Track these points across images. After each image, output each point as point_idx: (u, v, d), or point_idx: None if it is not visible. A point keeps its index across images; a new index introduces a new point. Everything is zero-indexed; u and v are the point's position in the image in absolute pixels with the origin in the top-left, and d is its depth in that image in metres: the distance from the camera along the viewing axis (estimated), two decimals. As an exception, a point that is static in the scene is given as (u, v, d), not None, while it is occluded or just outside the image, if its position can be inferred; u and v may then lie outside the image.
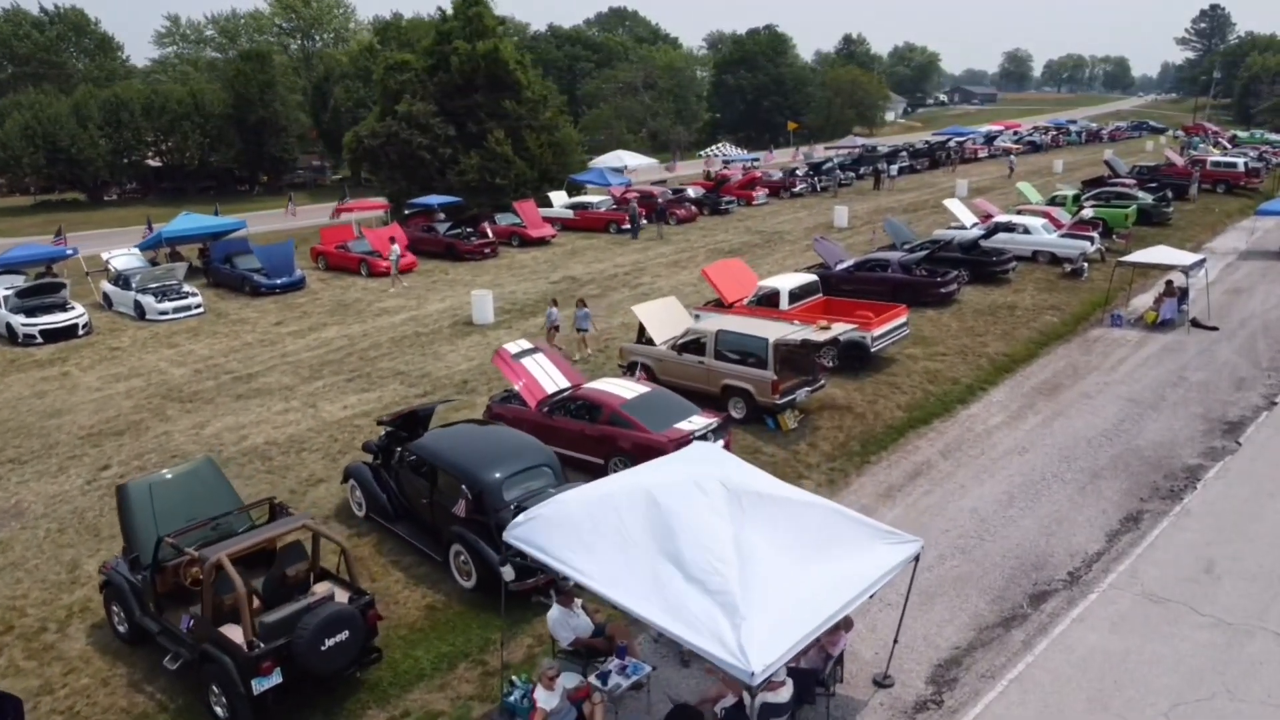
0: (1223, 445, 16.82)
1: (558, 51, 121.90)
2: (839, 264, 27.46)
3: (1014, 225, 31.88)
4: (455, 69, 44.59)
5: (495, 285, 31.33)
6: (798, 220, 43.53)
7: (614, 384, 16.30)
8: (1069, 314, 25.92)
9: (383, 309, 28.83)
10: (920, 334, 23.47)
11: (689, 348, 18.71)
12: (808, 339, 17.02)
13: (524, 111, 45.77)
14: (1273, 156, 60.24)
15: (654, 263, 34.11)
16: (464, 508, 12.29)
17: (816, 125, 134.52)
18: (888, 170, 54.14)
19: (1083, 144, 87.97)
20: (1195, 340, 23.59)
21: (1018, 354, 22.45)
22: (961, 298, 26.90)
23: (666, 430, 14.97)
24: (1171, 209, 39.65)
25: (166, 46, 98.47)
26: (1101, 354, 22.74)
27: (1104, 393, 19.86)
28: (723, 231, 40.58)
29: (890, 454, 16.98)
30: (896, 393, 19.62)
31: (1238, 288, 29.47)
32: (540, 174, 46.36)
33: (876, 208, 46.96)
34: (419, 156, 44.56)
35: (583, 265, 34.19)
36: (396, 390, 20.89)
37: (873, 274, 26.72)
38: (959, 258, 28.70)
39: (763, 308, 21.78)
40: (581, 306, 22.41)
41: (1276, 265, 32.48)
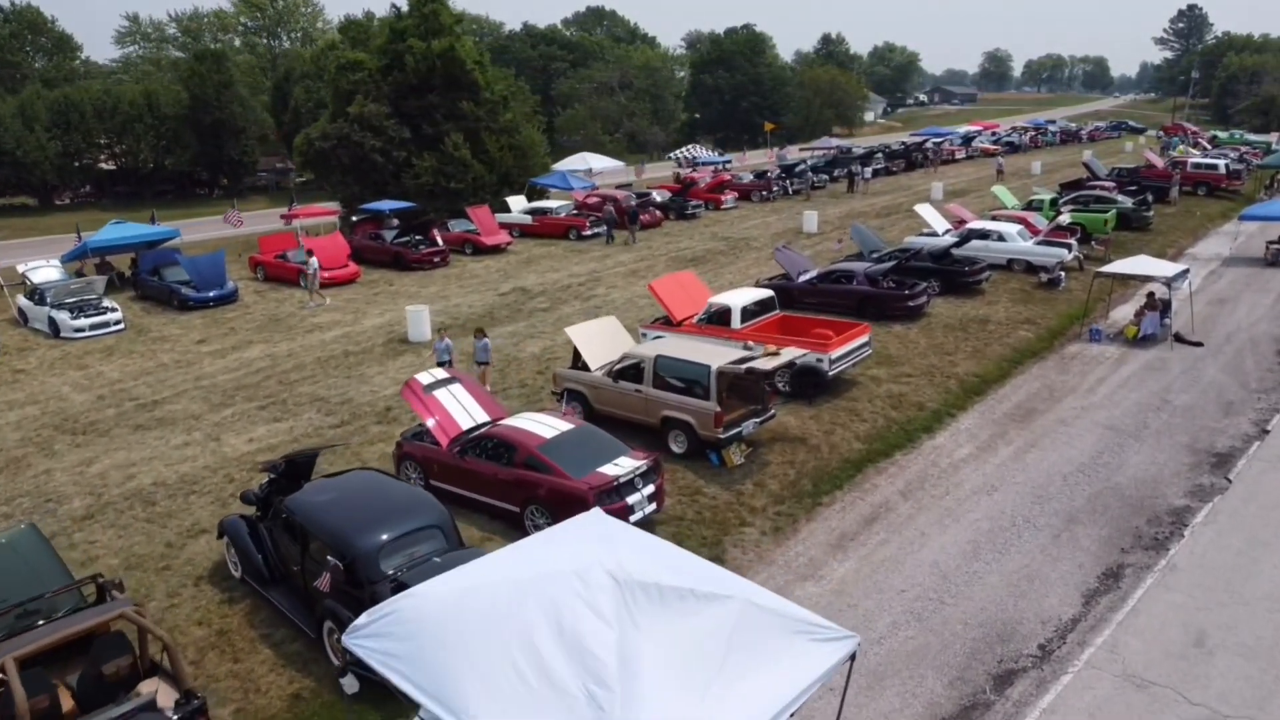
0: (1211, 483, 15.21)
1: (532, 51, 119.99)
2: (802, 275, 25.79)
3: (988, 232, 30.31)
4: (410, 68, 42.59)
5: (440, 297, 29.51)
6: (766, 225, 41.87)
7: (535, 420, 14.51)
8: (1045, 328, 24.33)
9: (315, 324, 26.92)
10: (885, 352, 21.81)
11: (626, 374, 16.95)
12: (753, 367, 15.29)
13: (482, 113, 43.82)
14: (1253, 158, 59.09)
15: (611, 272, 32.34)
16: (328, 581, 10.48)
17: (795, 126, 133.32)
18: (861, 173, 52.59)
19: (1061, 145, 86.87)
20: (1179, 357, 22.05)
21: (989, 374, 20.82)
22: (931, 311, 25.28)
23: (588, 475, 13.21)
24: (1152, 213, 38.25)
25: (127, 45, 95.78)
26: (1079, 373, 21.15)
27: (1081, 419, 18.24)
28: (687, 238, 38.86)
29: (846, 493, 15.28)
30: (856, 421, 17.93)
31: (1222, 297, 28.01)
32: (500, 178, 44.43)
33: (849, 212, 45.39)
34: (371, 160, 42.53)
35: (536, 275, 32.37)
36: (311, 420, 19.02)
37: (837, 286, 25.07)
38: (929, 267, 27.09)
39: (713, 326, 20.05)
40: (480, 337, 19.69)
41: (1261, 273, 31.07)
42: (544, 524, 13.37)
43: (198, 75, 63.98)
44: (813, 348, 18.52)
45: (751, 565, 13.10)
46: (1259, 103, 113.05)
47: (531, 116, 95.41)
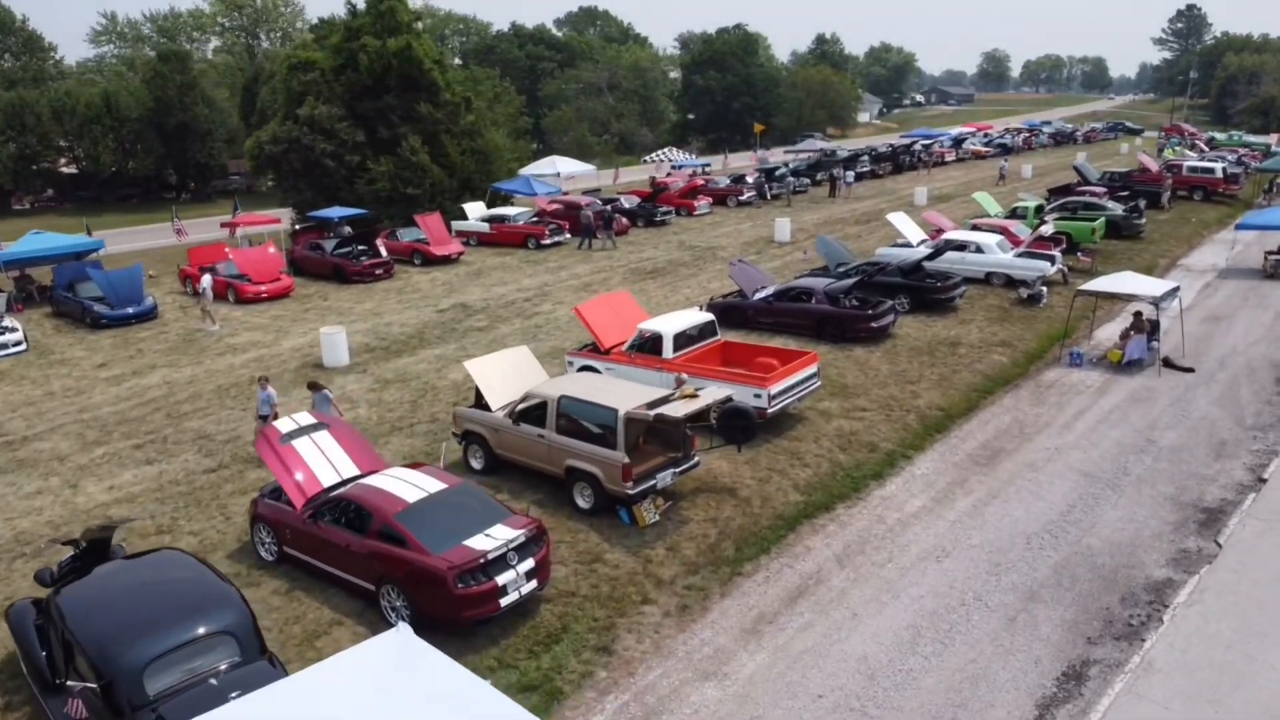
0: (1198, 548, 13.02)
1: (519, 51, 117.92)
2: (758, 292, 23.62)
3: (965, 243, 28.13)
4: (363, 68, 40.47)
5: (374, 315, 27.37)
6: (739, 233, 39.69)
7: (403, 479, 12.33)
8: (1021, 352, 22.15)
9: (232, 345, 24.78)
10: (841, 381, 19.64)
11: (529, 416, 14.79)
12: (663, 414, 13.12)
13: (442, 115, 41.67)
14: (1252, 160, 56.87)
15: (563, 285, 30.18)
16: (76, 708, 8.32)
17: (788, 127, 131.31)
18: (843, 177, 50.39)
19: (1055, 146, 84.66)
20: (1167, 385, 19.87)
21: (955, 407, 18.63)
22: (898, 331, 23.11)
23: (450, 549, 11.06)
24: (1144, 220, 36.07)
25: (103, 45, 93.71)
26: (1056, 405, 18.97)
27: (1053, 463, 16.06)
28: (652, 247, 36.69)
29: (772, 560, 13.10)
30: (797, 466, 15.76)
31: (1217, 314, 25.83)
32: (461, 183, 42.31)
33: (828, 218, 43.24)
34: (324, 164, 40.42)
35: (483, 289, 30.20)
36: (186, 463, 16.86)
37: (794, 305, 22.91)
38: (898, 283, 24.92)
39: (643, 356, 17.89)
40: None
41: (1259, 286, 28.89)
42: (401, 608, 11.25)
43: (160, 76, 61.91)
44: (750, 381, 16.38)
45: (646, 657, 10.95)
46: (1258, 103, 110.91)
47: (515, 117, 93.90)
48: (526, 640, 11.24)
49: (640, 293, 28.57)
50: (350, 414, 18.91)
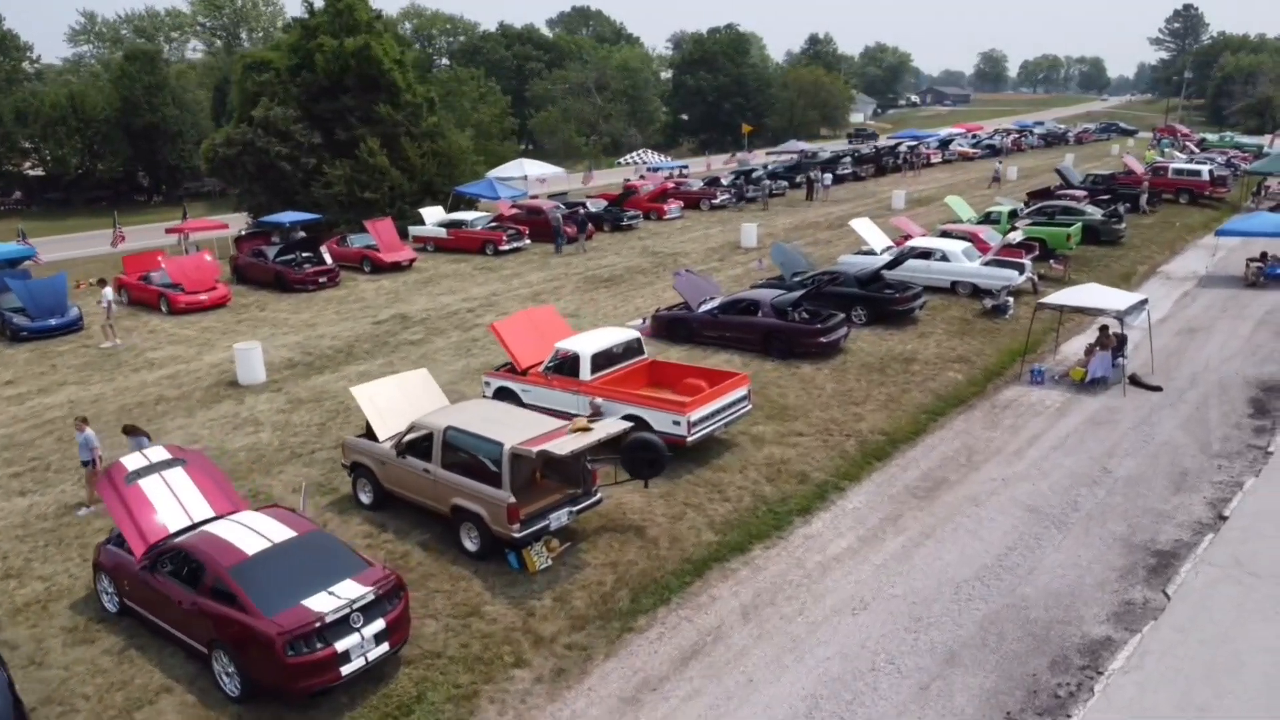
0: (1144, 599, 11.69)
1: (506, 51, 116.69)
2: (703, 304, 22.30)
3: (929, 251, 26.80)
4: (319, 68, 39.19)
5: (308, 326, 26.06)
6: (706, 238, 38.37)
7: (251, 524, 11.01)
8: (980, 368, 20.82)
9: (151, 360, 23.47)
10: (780, 402, 18.31)
11: (415, 448, 13.47)
12: (546, 450, 11.80)
13: (401, 117, 40.39)
14: (1242, 162, 55.51)
15: (513, 295, 28.86)
16: None
17: (779, 128, 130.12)
18: (820, 179, 49.05)
19: (1046, 148, 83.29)
20: (1132, 405, 18.54)
21: (900, 431, 17.30)
22: (851, 346, 21.78)
23: (285, 610, 9.73)
24: (1124, 225, 34.72)
25: (81, 45, 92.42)
26: (1010, 428, 17.63)
27: (998, 496, 14.73)
28: (614, 253, 35.37)
29: (671, 612, 11.78)
30: (716, 500, 14.43)
31: (1193, 326, 24.50)
32: (422, 186, 41.01)
33: (801, 222, 41.92)
34: (279, 167, 39.12)
35: (428, 299, 28.89)
36: (63, 494, 15.59)
37: (740, 318, 21.57)
38: (854, 294, 23.59)
39: (560, 377, 16.56)
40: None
41: (1239, 296, 27.55)
42: (234, 674, 9.92)
43: (127, 76, 60.58)
44: (669, 407, 15.05)
45: (506, 734, 9.63)
46: (1254, 104, 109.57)
47: (501, 118, 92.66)
48: (374, 712, 9.93)
49: (590, 302, 27.29)
50: (250, 439, 17.62)
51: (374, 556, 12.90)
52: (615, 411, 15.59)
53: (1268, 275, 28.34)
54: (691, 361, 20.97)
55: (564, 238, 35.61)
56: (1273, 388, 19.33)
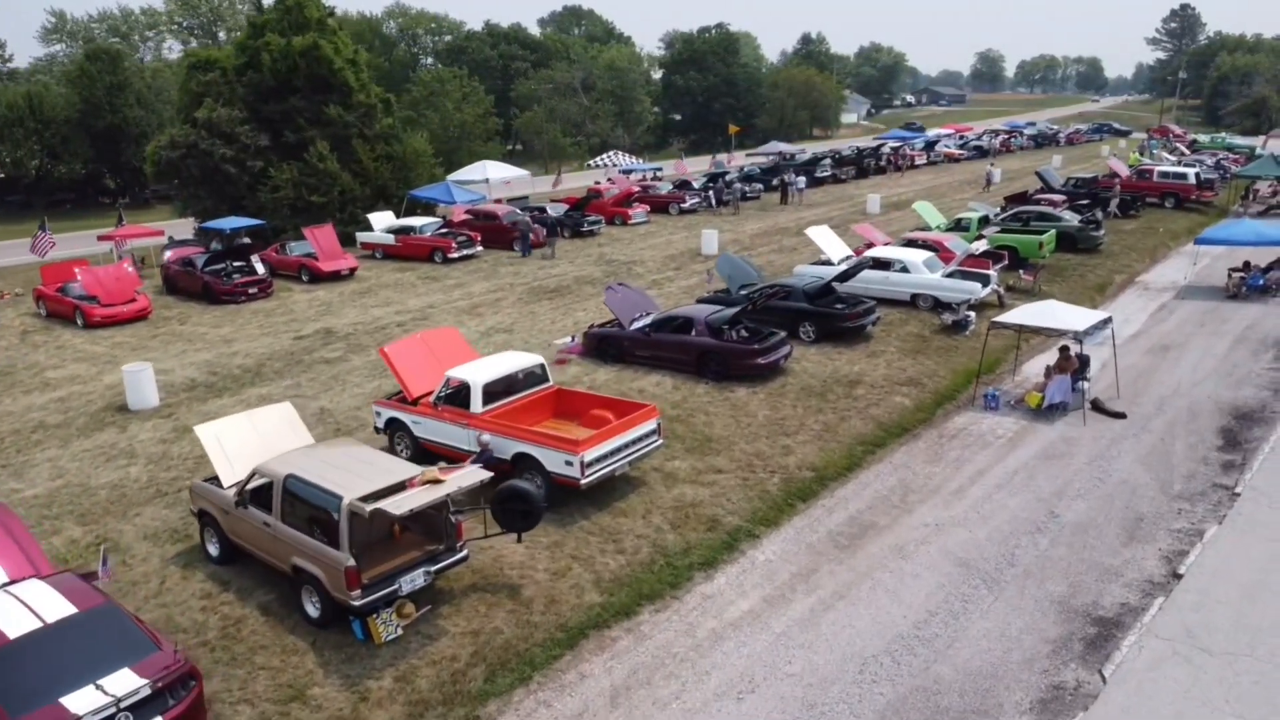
0: (1076, 682, 10.07)
1: (491, 50, 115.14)
2: (635, 320, 20.68)
3: (889, 261, 25.18)
4: (266, 68, 37.55)
5: (225, 342, 24.44)
6: (669, 244, 36.74)
7: (26, 597, 9.38)
8: (931, 391, 19.18)
9: (49, 380, 21.85)
10: (704, 432, 16.69)
11: (258, 497, 11.84)
12: (380, 509, 10.18)
13: (353, 118, 38.74)
14: (1233, 165, 53.85)
15: (450, 306, 27.24)
16: None
17: (770, 128, 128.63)
18: (794, 182, 47.39)
19: (1036, 149, 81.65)
20: (1091, 435, 16.92)
21: (832, 466, 15.68)
22: (793, 366, 20.15)
23: (37, 710, 8.11)
24: (1103, 232, 33.07)
25: (53, 44, 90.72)
26: (954, 462, 16.01)
27: (928, 545, 13.11)
28: (568, 261, 33.73)
29: (531, 693, 10.16)
30: (609, 551, 12.81)
31: (1166, 343, 22.86)
32: (376, 191, 39.36)
33: (771, 227, 40.28)
34: (224, 170, 37.48)
35: (360, 311, 27.27)
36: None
37: (672, 337, 19.94)
38: (802, 309, 21.96)
39: (451, 409, 14.93)
40: None
41: (1219, 309, 25.92)
42: (-26, 788, 8.27)
43: (87, 76, 58.91)
44: (561, 445, 13.43)
45: None
46: (1250, 104, 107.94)
47: (484, 118, 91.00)
48: (144, 833, 8.28)
49: (530, 315, 25.68)
50: (119, 473, 16.00)
51: (208, 621, 11.35)
52: (505, 449, 13.99)
53: (1250, 286, 26.73)
54: (621, 384, 19.43)
55: (529, 243, 34.38)
56: (1246, 414, 17.70)
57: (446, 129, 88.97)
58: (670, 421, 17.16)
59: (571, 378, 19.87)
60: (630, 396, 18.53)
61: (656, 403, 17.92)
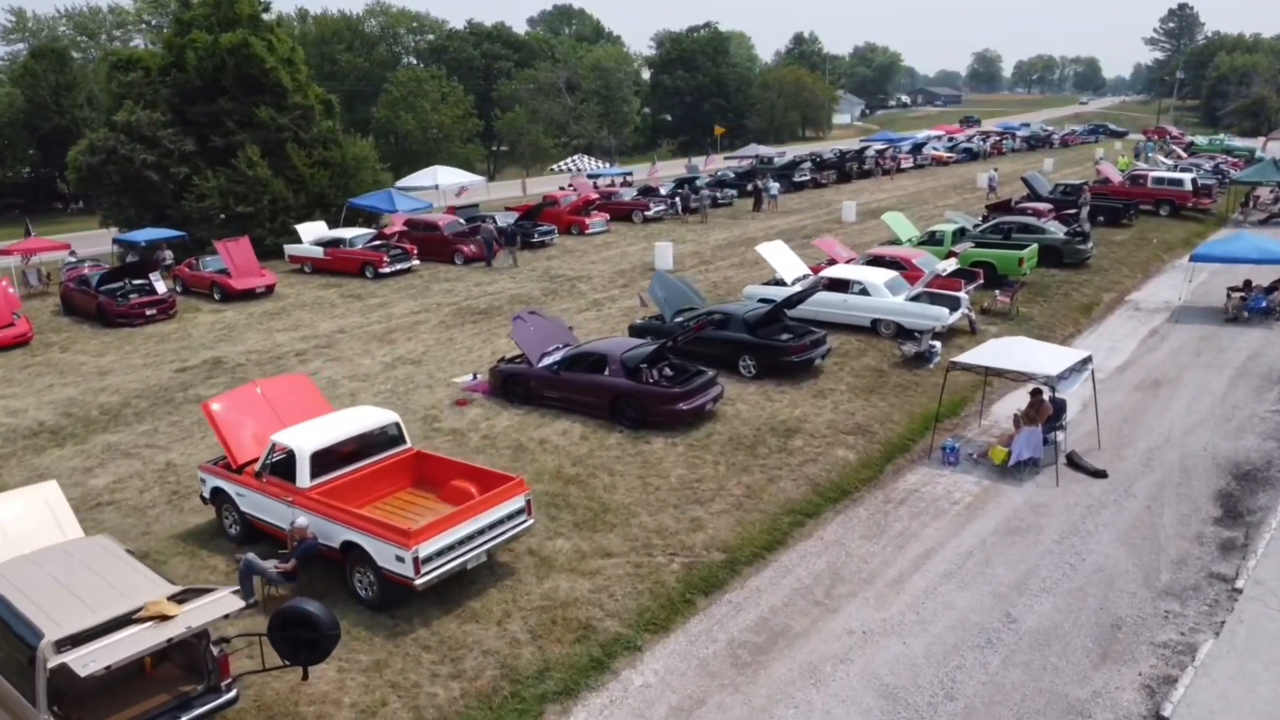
0: None
1: (474, 50, 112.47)
2: (545, 356, 17.97)
3: (847, 282, 22.47)
4: (192, 67, 34.86)
5: (101, 374, 21.76)
6: (624, 257, 34.04)
7: None
8: (881, 441, 16.47)
9: (-119, 421, 19.10)
10: (602, 499, 13.99)
11: (-33, 619, 9.10)
12: (65, 665, 7.47)
13: (287, 121, 36.03)
14: (1232, 169, 51.16)
15: (362, 332, 24.53)
16: None
17: (760, 129, 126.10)
18: (767, 188, 44.65)
19: (1029, 151, 78.95)
20: (1064, 502, 14.22)
21: (749, 544, 12.97)
22: (725, 409, 17.44)
23: None
24: (1090, 245, 30.37)
25: (14, 43, 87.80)
26: (898, 538, 13.30)
27: (848, 666, 10.40)
28: (510, 276, 31.01)
29: None
30: (443, 675, 10.10)
31: (1158, 376, 20.16)
32: (312, 199, 36.65)
33: (738, 237, 37.57)
34: (146, 178, 34.78)
35: (263, 335, 24.57)
36: None
37: (585, 376, 17.23)
38: (742, 341, 19.24)
39: (276, 480, 12.21)
40: None
41: (1218, 334, 23.23)
42: None
43: (32, 75, 56.18)
44: (390, 536, 10.71)
45: None
46: (1249, 105, 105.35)
47: (463, 119, 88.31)
48: None
49: (446, 343, 22.98)
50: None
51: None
52: (332, 535, 11.29)
53: (1251, 309, 24.03)
54: (524, 432, 16.75)
55: (493, 252, 32.50)
56: (1248, 473, 15.00)
57: (424, 130, 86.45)
58: (565, 484, 14.47)
59: (467, 424, 17.19)
60: (528, 449, 15.86)
61: (559, 456, 15.30)
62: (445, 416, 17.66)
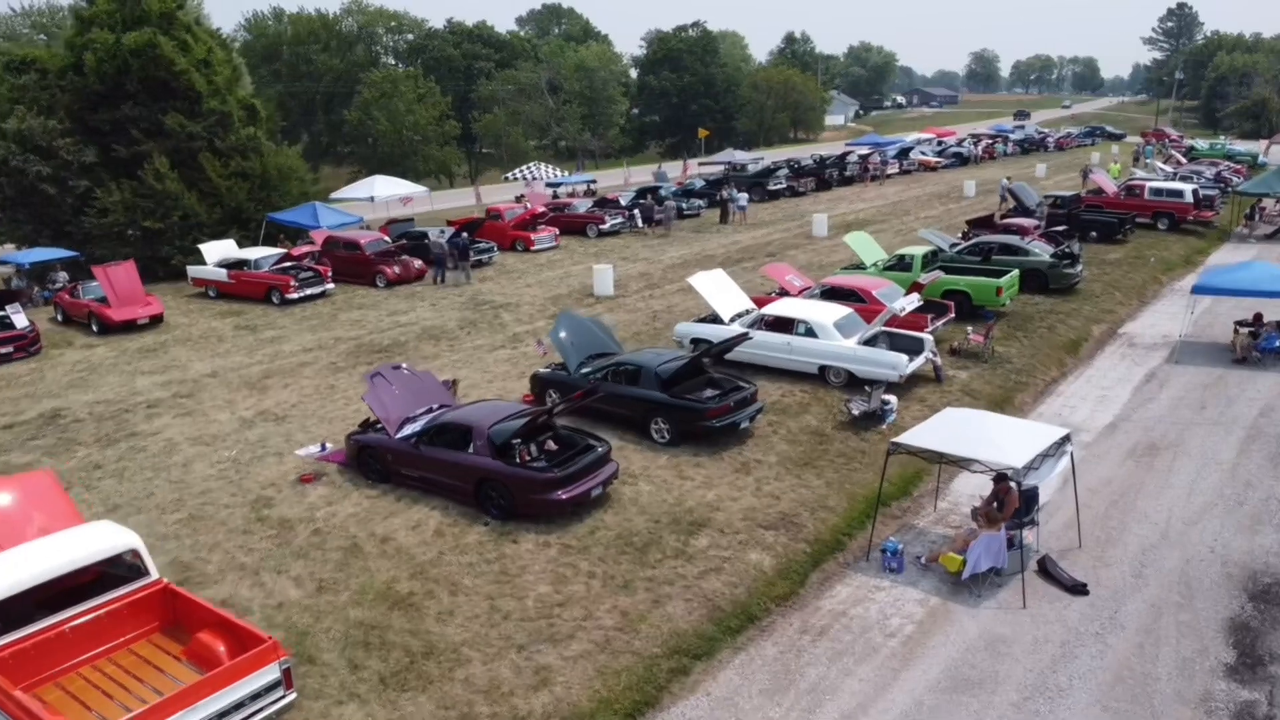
0: None
1: (454, 50, 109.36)
2: (406, 424, 14.72)
3: (791, 321, 19.20)
4: (91, 69, 31.61)
5: (-89, 431, 18.42)
6: (567, 278, 30.77)
7: None
8: (809, 536, 13.22)
9: None
10: (430, 635, 10.76)
11: None
12: None
13: (201, 129, 32.75)
14: (1235, 176, 47.95)
15: (235, 374, 21.25)
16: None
17: (750, 131, 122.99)
18: (735, 199, 41.35)
19: (1023, 155, 75.67)
20: (1031, 637, 11.00)
21: (607, 708, 9.73)
22: (621, 490, 14.19)
23: None
24: (1080, 269, 27.13)
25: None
26: (807, 695, 10.08)
27: None
28: (430, 303, 27.71)
29: None
30: None
31: (1155, 439, 16.93)
32: (229, 214, 33.37)
33: (696, 254, 34.29)
34: (42, 191, 31.52)
35: (123, 380, 21.30)
36: None
37: (445, 454, 13.97)
38: (654, 400, 15.97)
39: (-54, 638, 8.93)
40: None
41: (1225, 378, 20.01)
42: None
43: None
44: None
45: None
46: (1249, 106, 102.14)
47: (440, 120, 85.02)
48: None
49: (328, 391, 19.72)
50: None
51: None
52: (-7, 730, 8.05)
53: (1263, 350, 20.78)
54: (370, 523, 13.53)
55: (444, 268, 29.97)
56: (1268, 590, 11.78)
57: (399, 132, 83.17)
58: (390, 609, 11.24)
59: (303, 510, 13.96)
60: (362, 552, 12.64)
61: (397, 564, 12.12)
62: (281, 499, 14.42)
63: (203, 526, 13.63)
